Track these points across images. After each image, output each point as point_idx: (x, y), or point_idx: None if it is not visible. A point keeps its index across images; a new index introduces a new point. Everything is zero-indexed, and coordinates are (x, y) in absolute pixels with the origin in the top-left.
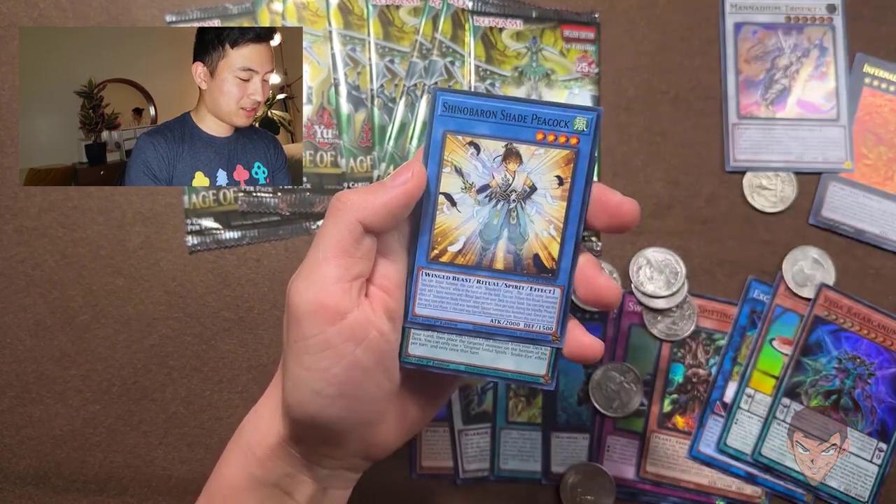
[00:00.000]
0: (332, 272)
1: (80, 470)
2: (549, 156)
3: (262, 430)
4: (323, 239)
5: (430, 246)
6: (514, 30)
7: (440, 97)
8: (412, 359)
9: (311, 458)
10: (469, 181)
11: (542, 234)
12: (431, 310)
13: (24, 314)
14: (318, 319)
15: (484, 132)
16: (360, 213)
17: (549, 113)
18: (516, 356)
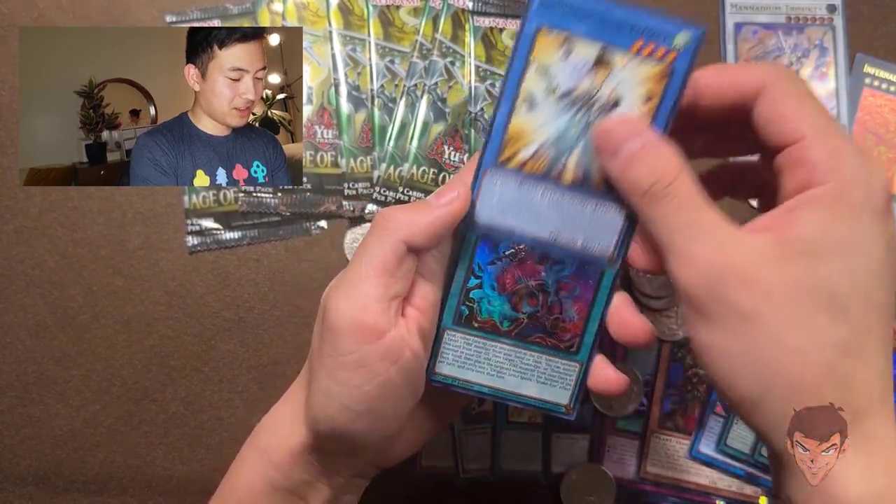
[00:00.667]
0: (373, 291)
1: (80, 470)
2: (643, 69)
3: (281, 435)
4: (366, 256)
5: (502, 147)
6: (514, 30)
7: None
8: (438, 377)
9: (329, 466)
10: (554, 84)
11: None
12: (493, 215)
13: (24, 314)
14: (356, 337)
15: (580, 31)
16: (405, 233)
17: (651, 23)
18: (541, 384)
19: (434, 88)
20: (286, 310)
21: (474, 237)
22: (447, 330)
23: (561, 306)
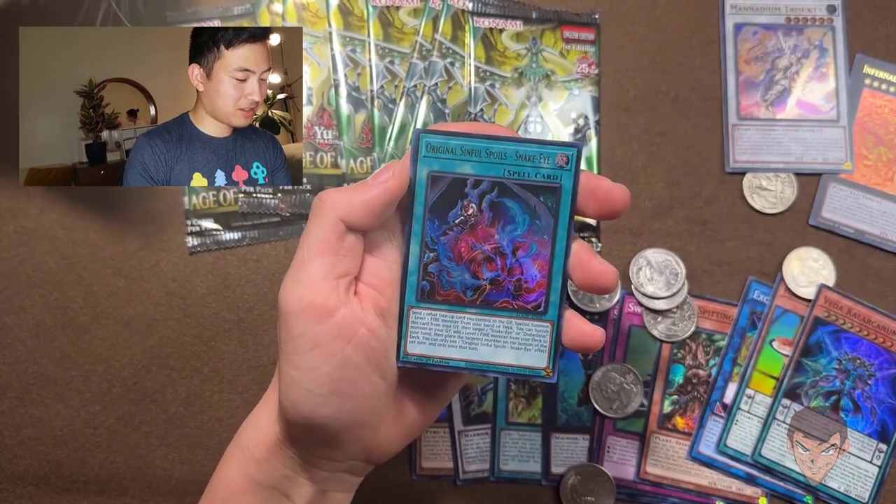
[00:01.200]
0: (317, 270)
1: (80, 470)
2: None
3: (261, 431)
4: (307, 239)
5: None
6: (513, 31)
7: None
8: (411, 357)
9: (308, 459)
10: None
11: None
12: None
13: (24, 315)
14: (305, 318)
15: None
16: (341, 210)
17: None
18: (516, 350)
19: (434, 89)
20: None
21: (422, 212)
22: (412, 308)
23: (521, 267)
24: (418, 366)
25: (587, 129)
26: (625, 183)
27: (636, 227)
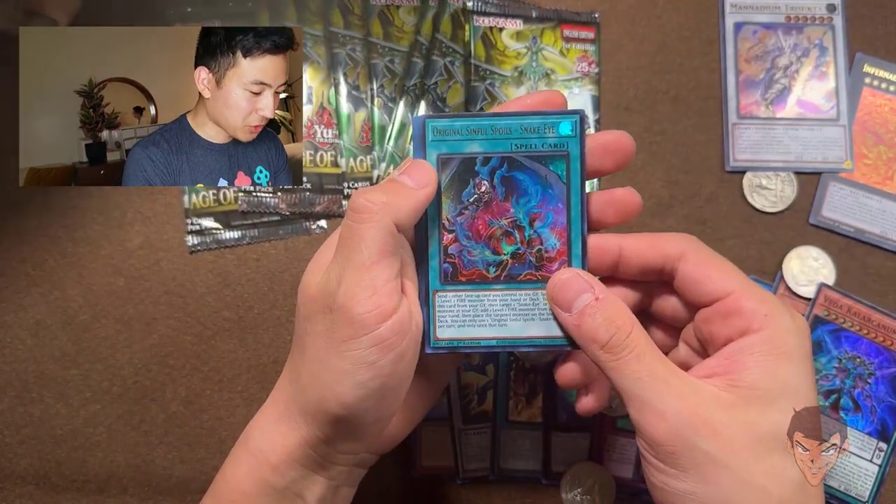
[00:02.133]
0: (382, 274)
1: (80, 469)
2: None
3: (275, 436)
4: (364, 242)
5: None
6: (513, 30)
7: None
8: (442, 343)
9: (328, 456)
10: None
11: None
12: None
13: (24, 314)
14: (374, 319)
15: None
16: (394, 216)
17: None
18: (545, 321)
19: (433, 88)
20: (286, 309)
21: (437, 193)
22: (437, 292)
23: (540, 237)
24: (450, 349)
25: (587, 128)
26: (625, 182)
27: (636, 225)
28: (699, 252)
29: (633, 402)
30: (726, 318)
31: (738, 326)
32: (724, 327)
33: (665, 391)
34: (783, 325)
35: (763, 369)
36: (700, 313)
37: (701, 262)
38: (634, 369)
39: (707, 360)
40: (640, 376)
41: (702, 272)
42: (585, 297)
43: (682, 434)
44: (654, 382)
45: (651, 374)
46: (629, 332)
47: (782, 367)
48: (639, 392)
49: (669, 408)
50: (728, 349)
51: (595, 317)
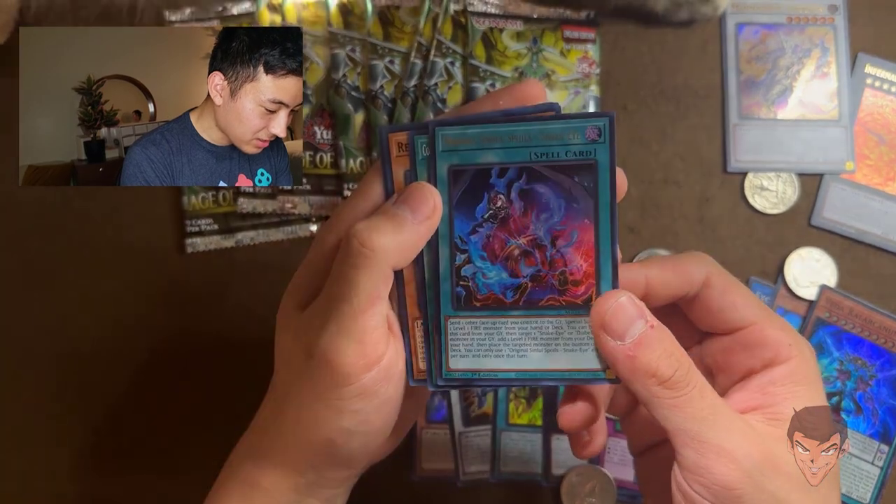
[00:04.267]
0: (370, 322)
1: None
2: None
3: (265, 463)
4: (356, 290)
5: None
6: (514, 30)
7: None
8: (455, 374)
9: (322, 483)
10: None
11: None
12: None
13: (22, 315)
14: (359, 371)
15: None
16: (393, 260)
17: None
18: (570, 352)
19: (434, 89)
20: None
21: (447, 210)
22: (449, 318)
23: (563, 258)
24: (464, 382)
25: None
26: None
27: (636, 226)
28: (721, 277)
29: (695, 443)
30: (750, 348)
31: (763, 358)
32: (748, 358)
33: (733, 430)
34: (805, 352)
35: (800, 401)
36: (716, 342)
37: (725, 290)
38: (700, 407)
39: (734, 393)
40: (705, 415)
41: (726, 299)
42: (639, 324)
43: (752, 476)
44: (719, 421)
45: (714, 413)
46: (689, 365)
47: (815, 396)
48: (704, 432)
49: (739, 449)
50: (757, 382)
51: (654, 348)
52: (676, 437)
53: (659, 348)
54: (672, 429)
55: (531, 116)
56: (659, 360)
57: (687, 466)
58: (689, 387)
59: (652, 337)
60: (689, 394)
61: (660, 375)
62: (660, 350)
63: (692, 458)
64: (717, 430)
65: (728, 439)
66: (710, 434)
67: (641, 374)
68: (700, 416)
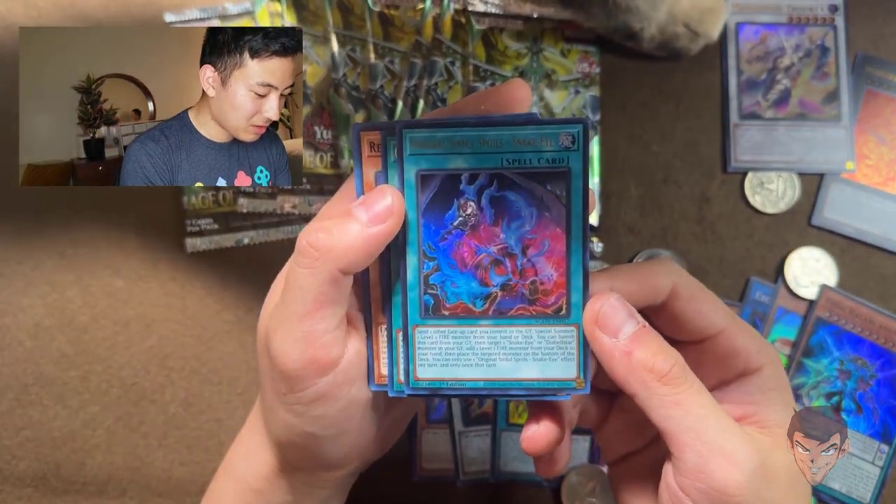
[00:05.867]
0: (319, 325)
1: (79, 472)
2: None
3: (255, 461)
4: (302, 292)
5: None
6: (514, 30)
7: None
8: (422, 383)
9: (310, 483)
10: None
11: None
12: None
13: (22, 315)
14: (309, 375)
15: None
16: (341, 263)
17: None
18: (539, 361)
19: (434, 89)
20: None
21: (415, 217)
22: (417, 327)
23: (534, 267)
24: (432, 391)
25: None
26: (625, 182)
27: (636, 226)
28: (688, 287)
29: (697, 444)
30: (722, 358)
31: (736, 366)
32: (719, 368)
33: (734, 432)
34: (774, 358)
35: (782, 406)
36: (687, 352)
37: (691, 298)
38: (700, 403)
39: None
40: (706, 412)
41: (693, 308)
42: (632, 323)
43: (752, 482)
44: (721, 420)
45: (715, 412)
46: (683, 362)
47: (789, 399)
48: (706, 432)
49: (741, 452)
50: (738, 391)
51: (649, 344)
52: (676, 438)
53: (654, 345)
54: (672, 429)
55: (503, 121)
56: (655, 355)
57: (686, 470)
58: (686, 383)
59: (645, 334)
60: (688, 390)
61: (658, 370)
62: (655, 346)
63: (692, 461)
64: (718, 431)
65: (730, 441)
66: (712, 434)
67: (639, 370)
68: (702, 413)
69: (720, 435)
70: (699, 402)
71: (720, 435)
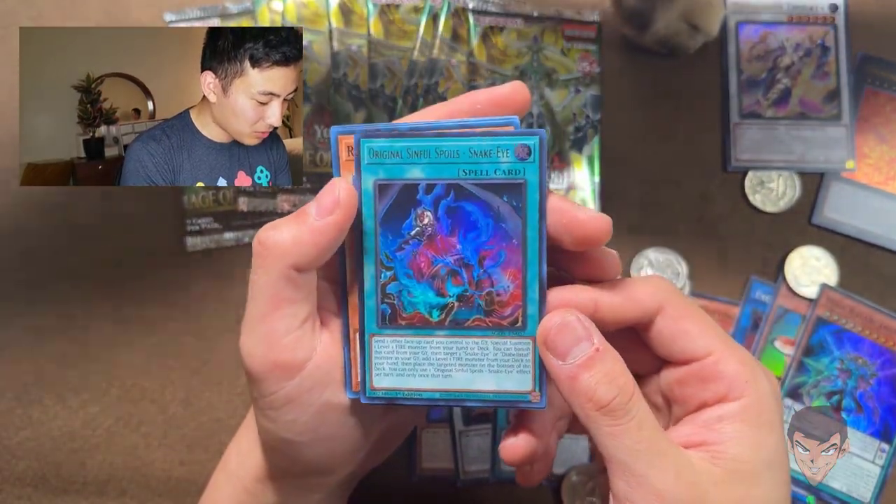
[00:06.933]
0: (279, 325)
1: (79, 472)
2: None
3: (249, 461)
4: (258, 292)
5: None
6: (515, 29)
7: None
8: (379, 392)
9: (301, 487)
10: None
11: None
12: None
13: (22, 315)
14: (275, 378)
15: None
16: (290, 258)
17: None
18: (495, 373)
19: (434, 88)
20: None
21: (373, 226)
22: (374, 336)
23: (490, 278)
24: (387, 401)
25: (588, 128)
26: (626, 182)
27: (637, 226)
28: (677, 306)
29: (626, 475)
30: (704, 382)
31: (717, 392)
32: (701, 391)
33: (664, 467)
34: (762, 390)
35: (748, 441)
36: (672, 372)
37: (679, 317)
38: (635, 440)
39: (681, 425)
40: (639, 448)
41: (680, 327)
42: (584, 346)
43: None
44: (654, 457)
45: (650, 447)
46: (631, 395)
47: (765, 438)
48: (635, 465)
49: (667, 487)
50: (706, 416)
51: (595, 371)
52: (609, 465)
53: (600, 372)
54: (606, 455)
55: (459, 132)
56: (598, 384)
57: (616, 496)
58: (626, 417)
59: (595, 359)
60: (626, 424)
61: (597, 400)
62: (600, 374)
63: (622, 489)
64: (649, 466)
65: (659, 478)
66: (642, 468)
67: (580, 397)
68: (634, 449)
69: (650, 471)
70: (636, 438)
71: (650, 471)
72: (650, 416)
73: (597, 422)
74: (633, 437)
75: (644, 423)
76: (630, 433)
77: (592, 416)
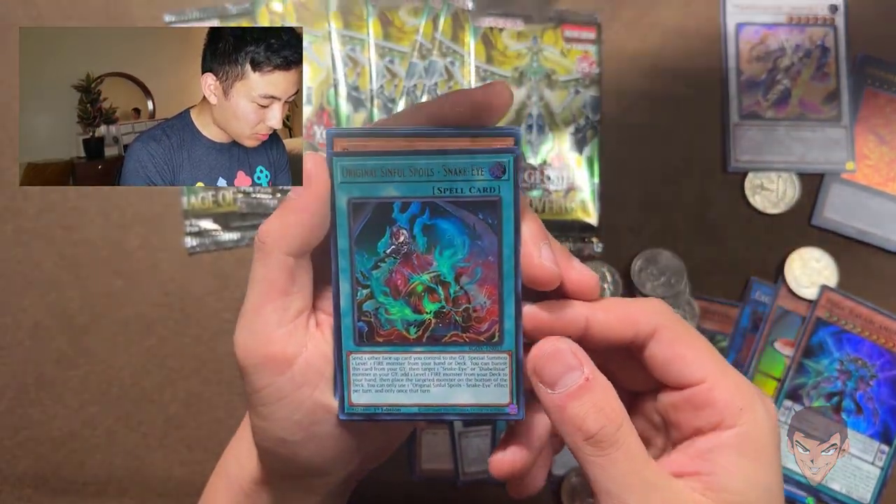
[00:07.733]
0: (270, 318)
1: (78, 472)
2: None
3: (245, 464)
4: (256, 283)
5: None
6: (514, 30)
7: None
8: (358, 409)
9: (298, 489)
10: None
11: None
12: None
13: (22, 315)
14: (266, 371)
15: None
16: (283, 245)
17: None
18: (473, 387)
19: (434, 88)
20: None
21: (348, 245)
22: (351, 354)
23: (467, 295)
24: (366, 417)
25: (588, 129)
26: (626, 182)
27: (637, 226)
28: (673, 329)
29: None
30: (698, 409)
31: (711, 420)
32: (695, 418)
33: (652, 499)
34: (758, 419)
35: (741, 473)
36: (668, 395)
37: (674, 342)
38: (623, 471)
39: (675, 453)
40: (627, 480)
41: (674, 352)
42: (574, 375)
43: None
44: (642, 488)
45: (639, 479)
46: (619, 425)
47: (759, 469)
48: (622, 496)
49: None
50: (700, 445)
51: (583, 401)
52: (598, 495)
53: (589, 402)
54: (594, 485)
55: (434, 149)
56: (587, 414)
57: None
58: (613, 447)
59: (584, 389)
60: (613, 455)
61: (585, 430)
62: (589, 404)
63: None
64: (636, 498)
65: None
66: (629, 499)
67: (568, 426)
68: (621, 481)
69: (636, 502)
70: (624, 469)
71: (636, 502)
72: (640, 446)
73: (584, 451)
74: (621, 468)
75: (633, 454)
76: (618, 464)
77: (580, 446)
